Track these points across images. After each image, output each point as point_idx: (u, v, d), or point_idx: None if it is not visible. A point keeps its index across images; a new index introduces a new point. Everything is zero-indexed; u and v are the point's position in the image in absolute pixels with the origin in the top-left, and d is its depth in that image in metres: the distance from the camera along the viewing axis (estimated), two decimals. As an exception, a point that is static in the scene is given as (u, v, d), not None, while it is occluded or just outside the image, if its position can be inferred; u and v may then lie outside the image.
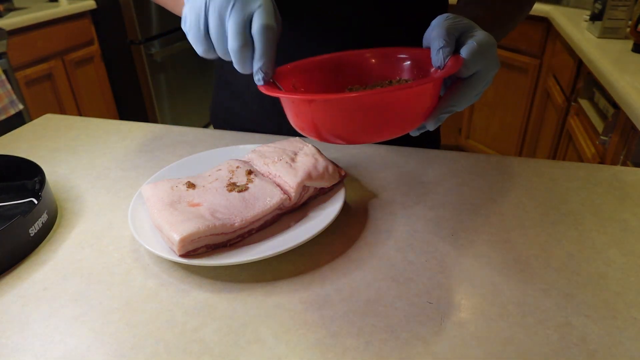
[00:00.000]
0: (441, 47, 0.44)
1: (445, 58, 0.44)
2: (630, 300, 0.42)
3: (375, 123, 0.43)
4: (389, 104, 0.42)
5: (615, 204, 0.56)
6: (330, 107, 0.43)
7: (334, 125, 0.44)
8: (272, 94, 0.42)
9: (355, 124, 0.43)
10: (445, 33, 0.45)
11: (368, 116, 0.42)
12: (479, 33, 0.46)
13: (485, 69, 0.46)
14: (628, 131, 1.08)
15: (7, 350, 0.39)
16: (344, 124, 0.43)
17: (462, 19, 0.47)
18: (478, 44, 0.44)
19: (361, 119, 0.42)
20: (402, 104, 0.43)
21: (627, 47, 1.35)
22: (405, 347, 0.38)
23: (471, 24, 0.47)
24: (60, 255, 0.50)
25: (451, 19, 0.46)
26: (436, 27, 0.46)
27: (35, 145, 0.75)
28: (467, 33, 0.46)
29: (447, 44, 0.44)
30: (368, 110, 0.42)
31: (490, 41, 0.46)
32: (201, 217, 0.47)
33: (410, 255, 0.48)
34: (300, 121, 0.45)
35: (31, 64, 2.00)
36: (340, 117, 0.43)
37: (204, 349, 0.39)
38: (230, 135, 0.76)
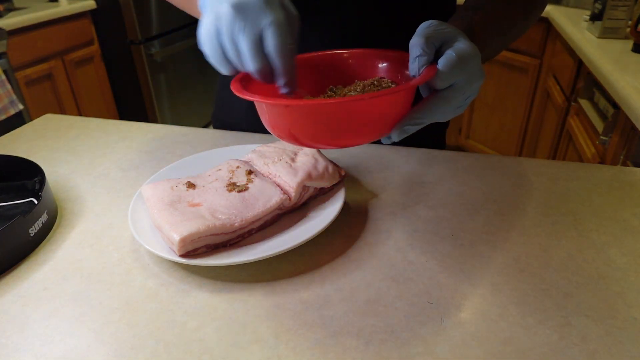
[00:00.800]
0: (417, 56, 0.43)
1: (420, 68, 0.43)
2: (630, 300, 0.42)
3: (338, 130, 0.42)
4: (347, 112, 0.41)
5: (615, 204, 0.56)
6: (290, 113, 0.42)
7: (298, 129, 0.43)
8: (242, 96, 0.42)
9: (320, 129, 0.42)
10: (423, 42, 0.43)
11: (330, 123, 0.42)
12: (461, 43, 0.43)
13: (464, 81, 0.43)
14: (628, 131, 1.08)
15: (7, 350, 0.39)
16: (308, 129, 0.42)
17: (446, 27, 0.44)
18: (457, 55, 0.42)
19: (325, 125, 0.42)
20: (363, 113, 0.41)
21: (627, 47, 1.34)
22: (405, 347, 0.38)
23: (455, 33, 0.44)
24: (60, 255, 0.50)
25: (434, 27, 0.44)
26: (417, 35, 0.44)
27: (35, 145, 0.75)
28: (448, 43, 0.44)
29: (424, 53, 0.42)
30: (329, 117, 0.41)
31: (472, 52, 0.43)
32: (201, 217, 0.47)
33: (410, 255, 0.48)
34: (267, 122, 0.45)
35: (31, 64, 2.00)
36: (304, 122, 0.42)
37: (204, 349, 0.39)
38: (230, 135, 0.76)
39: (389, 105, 0.43)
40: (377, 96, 0.40)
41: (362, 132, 0.43)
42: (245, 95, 0.42)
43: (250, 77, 0.45)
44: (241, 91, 0.43)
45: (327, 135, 0.43)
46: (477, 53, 0.44)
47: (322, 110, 0.41)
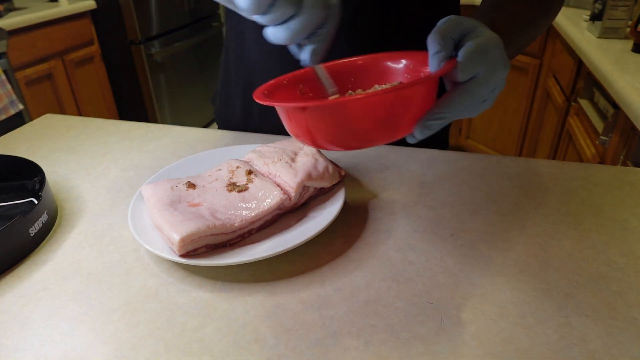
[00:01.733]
0: (435, 52, 0.42)
1: (439, 63, 0.42)
2: (630, 300, 0.42)
3: (361, 129, 0.41)
4: (368, 109, 0.40)
5: (615, 204, 0.56)
6: (313, 114, 0.41)
7: (323, 132, 0.42)
8: (265, 102, 0.41)
9: (342, 130, 0.41)
10: (440, 37, 0.42)
11: (353, 122, 0.40)
12: (482, 33, 0.42)
13: (487, 72, 0.42)
14: (628, 131, 1.08)
15: (7, 350, 0.39)
16: (330, 130, 0.42)
17: (465, 20, 0.43)
18: (476, 45, 0.41)
19: (347, 125, 0.41)
20: (384, 110, 0.40)
21: (627, 47, 1.34)
22: (405, 347, 0.38)
23: (475, 25, 0.43)
24: (60, 255, 0.50)
25: (450, 22, 0.43)
26: (433, 31, 0.43)
27: (35, 145, 0.75)
28: (468, 35, 0.42)
29: (442, 47, 0.41)
30: (352, 116, 0.40)
31: (493, 41, 0.42)
32: (201, 217, 0.47)
33: (410, 255, 0.48)
34: (293, 127, 0.44)
35: (31, 64, 2.00)
36: (326, 123, 0.41)
37: (204, 349, 0.39)
38: (230, 135, 0.76)
39: (409, 100, 0.41)
40: (395, 90, 0.39)
41: (383, 130, 0.41)
42: (269, 101, 0.41)
43: (275, 89, 0.45)
44: (264, 99, 0.42)
45: (349, 136, 0.41)
46: (498, 42, 0.42)
47: (341, 109, 0.40)
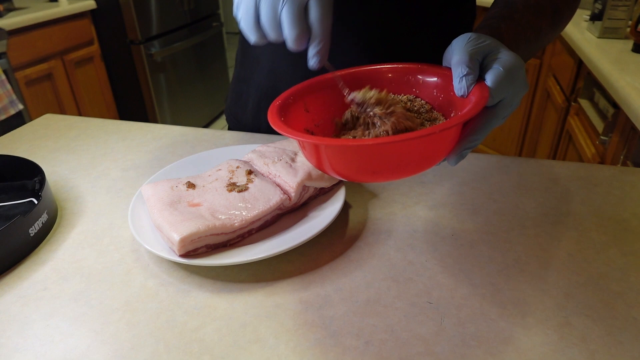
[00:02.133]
0: (464, 75, 0.41)
1: (468, 87, 0.41)
2: (630, 300, 0.42)
3: (389, 166, 0.40)
4: (404, 150, 0.39)
5: (615, 204, 0.56)
6: (337, 152, 0.40)
7: (343, 167, 0.41)
8: (281, 131, 0.40)
9: (366, 166, 0.40)
10: (467, 58, 0.41)
11: (378, 161, 0.39)
12: (505, 55, 0.42)
13: (512, 94, 0.42)
14: (628, 131, 1.08)
15: (7, 350, 0.39)
16: (351, 166, 0.41)
17: (485, 38, 0.43)
18: (504, 69, 0.40)
19: (371, 163, 0.40)
20: (419, 149, 0.39)
21: (627, 47, 1.34)
22: (405, 347, 0.38)
23: (496, 45, 0.43)
24: (60, 255, 0.50)
25: (474, 41, 0.42)
26: (457, 51, 0.42)
27: (35, 145, 0.75)
28: (491, 55, 0.42)
29: (471, 70, 0.41)
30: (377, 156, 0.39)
31: (518, 63, 0.42)
32: (201, 217, 0.47)
33: (410, 255, 0.48)
34: (313, 160, 0.43)
35: (31, 64, 1.99)
36: (347, 160, 0.40)
37: (204, 349, 0.39)
38: (230, 135, 0.76)
39: (446, 138, 0.40)
40: (435, 132, 0.37)
41: (416, 165, 0.40)
42: (289, 132, 0.40)
43: (284, 107, 0.44)
44: (282, 127, 0.41)
45: (384, 171, 0.40)
46: (522, 63, 0.42)
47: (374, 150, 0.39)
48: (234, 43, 5.18)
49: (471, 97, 0.41)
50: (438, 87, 0.47)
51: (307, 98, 0.48)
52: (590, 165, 0.65)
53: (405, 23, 0.65)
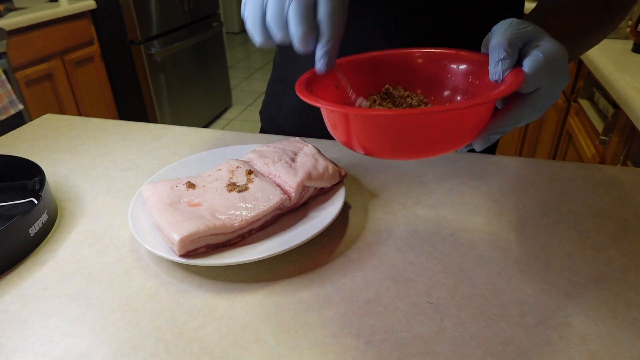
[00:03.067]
0: (500, 59, 0.39)
1: (504, 72, 0.39)
2: (630, 300, 0.42)
3: (414, 142, 0.39)
4: (431, 124, 0.38)
5: (615, 204, 0.56)
6: (367, 123, 0.39)
7: (370, 140, 0.40)
8: (309, 101, 0.39)
9: (394, 141, 0.39)
10: (506, 43, 0.39)
11: (406, 135, 0.39)
12: (547, 42, 0.40)
13: (551, 84, 0.40)
14: (628, 131, 1.08)
15: (7, 350, 0.39)
16: (380, 140, 0.40)
17: (528, 25, 0.41)
18: (544, 56, 0.39)
19: (400, 137, 0.39)
20: (446, 125, 0.38)
21: (627, 47, 1.34)
22: (405, 347, 0.38)
23: (538, 31, 0.41)
24: (60, 255, 0.50)
25: (515, 25, 0.40)
26: (497, 35, 0.40)
27: (35, 145, 0.75)
28: (532, 42, 0.40)
29: (508, 55, 0.39)
30: (407, 129, 0.38)
31: (560, 52, 0.40)
32: (201, 217, 0.47)
33: (410, 255, 0.48)
34: (338, 132, 0.42)
35: (31, 64, 1.99)
36: (377, 133, 0.39)
37: (204, 349, 0.39)
38: (230, 135, 0.76)
39: (476, 116, 0.39)
40: (463, 107, 0.37)
41: (442, 143, 0.39)
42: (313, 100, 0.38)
43: (313, 81, 0.42)
44: (307, 95, 0.39)
45: (405, 147, 0.40)
46: (565, 53, 0.40)
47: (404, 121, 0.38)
48: (234, 43, 5.18)
49: (506, 82, 0.39)
50: (473, 73, 0.46)
51: (339, 76, 0.46)
52: (590, 165, 0.65)
53: (449, 17, 0.62)
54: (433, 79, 0.49)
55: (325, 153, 0.69)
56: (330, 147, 0.70)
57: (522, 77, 0.38)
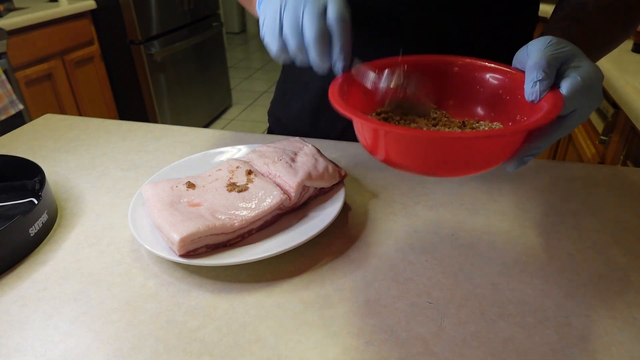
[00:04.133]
0: (539, 80, 0.39)
1: (541, 93, 0.39)
2: (630, 300, 0.42)
3: (451, 163, 0.39)
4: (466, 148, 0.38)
5: (615, 204, 0.56)
6: (400, 140, 0.39)
7: (402, 156, 0.40)
8: (343, 111, 0.39)
9: (427, 159, 0.40)
10: (545, 63, 0.39)
11: (441, 155, 0.39)
12: (584, 64, 0.39)
13: (586, 107, 0.40)
14: (628, 131, 1.08)
15: (7, 350, 0.39)
16: (412, 156, 0.40)
17: (566, 44, 0.40)
18: (582, 80, 0.38)
19: (434, 156, 0.39)
20: (487, 149, 0.39)
21: (627, 47, 1.34)
22: (405, 347, 0.38)
23: (575, 52, 0.40)
24: (60, 255, 0.50)
25: (554, 45, 0.40)
26: (534, 54, 0.40)
27: (35, 145, 0.75)
28: (569, 62, 0.40)
29: (547, 76, 0.39)
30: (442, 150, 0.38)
31: (597, 75, 0.39)
32: (201, 217, 0.47)
33: (410, 255, 0.48)
34: (369, 144, 0.42)
35: (31, 64, 1.99)
36: (410, 150, 0.39)
37: (204, 349, 0.39)
38: (230, 135, 0.76)
39: (514, 142, 0.39)
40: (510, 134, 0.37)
41: (479, 164, 0.40)
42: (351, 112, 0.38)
43: (344, 92, 0.43)
44: (343, 105, 0.39)
45: (442, 167, 0.40)
46: (601, 75, 0.40)
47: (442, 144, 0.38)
48: (234, 43, 5.18)
49: (543, 103, 0.39)
50: (505, 87, 0.46)
51: (358, 70, 0.46)
52: (590, 165, 0.65)
53: (463, 25, 0.62)
54: (462, 89, 0.48)
55: (326, 153, 0.69)
56: (330, 147, 0.70)
57: (561, 101, 0.38)
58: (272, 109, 0.85)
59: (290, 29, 0.43)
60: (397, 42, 0.62)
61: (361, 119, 0.38)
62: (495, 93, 0.47)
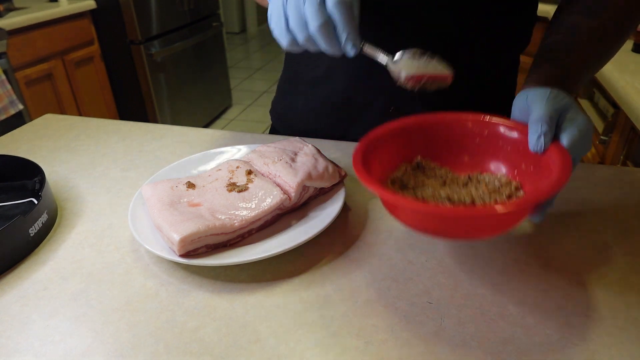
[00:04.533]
0: (543, 133, 0.42)
1: (546, 144, 0.42)
2: (630, 300, 0.42)
3: (470, 231, 0.42)
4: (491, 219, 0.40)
5: (615, 204, 0.56)
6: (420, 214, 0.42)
7: (422, 224, 0.43)
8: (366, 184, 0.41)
9: (446, 230, 0.42)
10: (548, 117, 0.42)
11: (461, 226, 0.41)
12: (580, 116, 0.43)
13: (580, 154, 0.43)
14: (628, 131, 1.08)
15: (7, 350, 0.39)
16: (432, 226, 0.42)
17: (563, 96, 0.44)
18: (579, 132, 0.42)
19: (453, 227, 0.41)
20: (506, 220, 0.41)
21: (627, 47, 1.34)
22: (405, 347, 0.38)
23: (571, 103, 0.44)
24: (60, 255, 0.50)
25: (554, 99, 0.43)
26: (537, 107, 0.43)
27: (35, 145, 0.75)
28: (566, 113, 0.43)
29: (550, 129, 0.42)
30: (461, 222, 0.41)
31: (590, 125, 0.43)
32: (201, 217, 0.47)
33: (410, 255, 0.48)
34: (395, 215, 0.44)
35: (31, 64, 1.99)
36: (428, 220, 0.42)
37: (204, 349, 0.39)
38: (230, 135, 0.76)
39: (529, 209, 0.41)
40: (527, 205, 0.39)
41: (501, 228, 0.42)
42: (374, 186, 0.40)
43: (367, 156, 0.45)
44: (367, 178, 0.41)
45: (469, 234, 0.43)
46: (592, 126, 0.44)
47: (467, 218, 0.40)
48: (234, 43, 5.18)
49: (551, 160, 0.42)
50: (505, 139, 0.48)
51: (379, 151, 0.48)
52: (590, 165, 0.65)
53: (463, 25, 0.63)
54: (461, 144, 0.51)
55: (325, 153, 0.69)
56: (330, 147, 0.70)
57: (570, 163, 0.40)
58: (274, 108, 0.85)
59: (295, 22, 0.43)
60: (396, 41, 0.62)
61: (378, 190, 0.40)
62: (496, 144, 0.49)
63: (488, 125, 0.49)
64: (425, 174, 0.50)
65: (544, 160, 0.43)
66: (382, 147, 0.49)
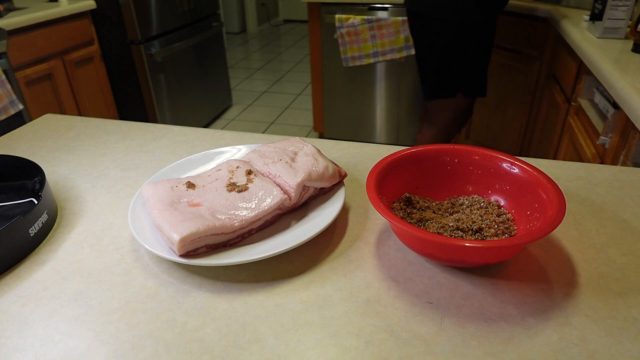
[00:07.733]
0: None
1: None
2: (630, 300, 0.42)
3: (486, 258, 0.45)
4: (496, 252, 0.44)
5: (615, 204, 0.56)
6: (426, 243, 0.45)
7: (428, 251, 0.45)
8: (378, 209, 0.44)
9: (457, 259, 0.45)
10: None
11: (474, 256, 0.44)
12: None
13: None
14: (628, 131, 1.08)
15: (7, 350, 0.39)
16: (441, 255, 0.45)
17: None
18: None
19: (464, 256, 0.44)
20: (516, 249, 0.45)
21: (627, 47, 1.34)
22: (405, 347, 0.38)
23: None
24: (60, 255, 0.50)
25: None
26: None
27: (35, 145, 0.75)
28: None
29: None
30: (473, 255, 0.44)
31: None
32: (201, 217, 0.47)
33: (410, 255, 0.48)
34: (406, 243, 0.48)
35: (31, 64, 1.99)
36: (435, 250, 0.44)
37: (204, 349, 0.39)
38: (230, 135, 0.76)
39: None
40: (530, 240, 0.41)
41: (497, 257, 0.45)
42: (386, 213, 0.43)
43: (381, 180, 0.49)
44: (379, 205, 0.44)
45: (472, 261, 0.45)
46: None
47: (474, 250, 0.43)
48: (234, 43, 5.18)
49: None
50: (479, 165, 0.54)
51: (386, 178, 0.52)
52: (590, 165, 0.65)
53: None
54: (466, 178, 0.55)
55: (325, 153, 0.69)
56: (330, 147, 0.70)
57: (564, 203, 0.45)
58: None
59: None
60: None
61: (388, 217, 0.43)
62: (469, 172, 0.55)
63: (464, 154, 0.54)
64: (415, 207, 0.53)
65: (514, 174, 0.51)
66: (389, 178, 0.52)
